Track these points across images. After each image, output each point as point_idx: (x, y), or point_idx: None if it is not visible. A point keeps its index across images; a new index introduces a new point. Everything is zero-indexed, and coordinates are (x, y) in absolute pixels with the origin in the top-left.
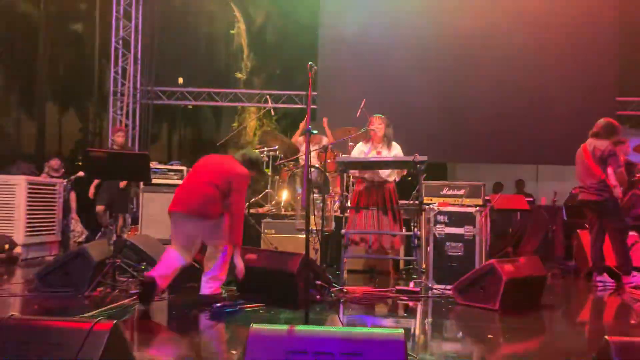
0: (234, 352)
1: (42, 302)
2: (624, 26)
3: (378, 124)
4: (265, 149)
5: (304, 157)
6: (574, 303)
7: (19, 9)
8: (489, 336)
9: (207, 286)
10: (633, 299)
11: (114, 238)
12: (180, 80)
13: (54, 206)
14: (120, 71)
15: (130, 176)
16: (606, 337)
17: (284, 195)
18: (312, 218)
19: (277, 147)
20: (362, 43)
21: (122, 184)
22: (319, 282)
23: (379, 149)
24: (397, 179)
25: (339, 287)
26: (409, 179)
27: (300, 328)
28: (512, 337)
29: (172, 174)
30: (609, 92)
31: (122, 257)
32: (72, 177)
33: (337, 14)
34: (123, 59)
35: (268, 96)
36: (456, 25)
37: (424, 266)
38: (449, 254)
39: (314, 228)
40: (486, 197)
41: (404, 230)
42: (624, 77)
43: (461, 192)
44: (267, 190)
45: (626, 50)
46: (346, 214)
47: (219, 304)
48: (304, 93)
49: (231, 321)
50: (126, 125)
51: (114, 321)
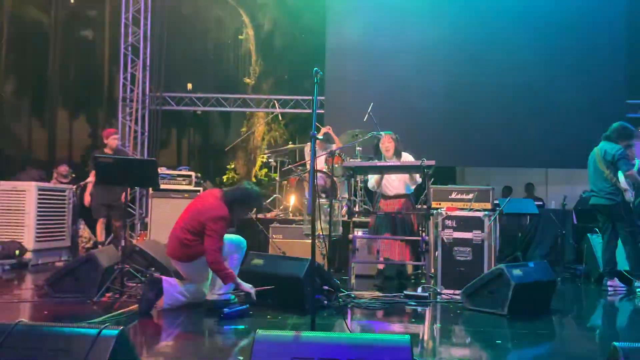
0: (240, 358)
1: (52, 307)
2: (633, 27)
3: (388, 143)
4: (274, 154)
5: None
6: (584, 308)
7: (29, 16)
8: (497, 342)
9: (214, 292)
10: None
11: (122, 244)
12: (190, 86)
13: (63, 212)
14: (129, 77)
15: (138, 182)
16: (615, 343)
17: (292, 200)
18: (319, 223)
19: (285, 152)
20: (368, 47)
21: (123, 198)
22: (326, 288)
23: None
24: (412, 187)
25: (347, 292)
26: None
27: (306, 334)
28: (521, 342)
29: (181, 179)
30: (619, 95)
31: (131, 263)
32: (82, 183)
33: (343, 19)
34: (132, 65)
35: (275, 101)
36: (463, 28)
37: (432, 271)
38: (458, 258)
39: (322, 233)
40: (495, 201)
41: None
42: (634, 79)
43: (470, 196)
44: (275, 195)
45: (636, 52)
46: (354, 219)
47: (228, 309)
48: (311, 98)
49: (238, 326)
50: (135, 131)
51: (121, 327)
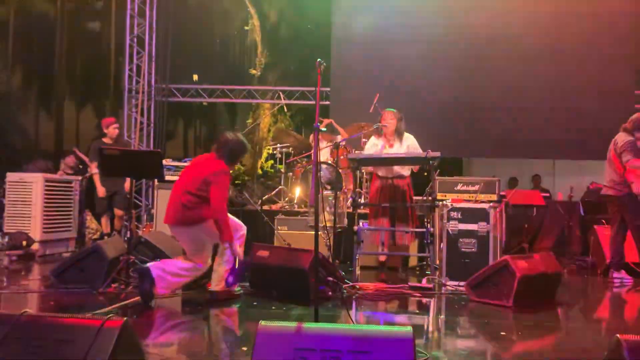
0: (244, 348)
1: (58, 298)
2: None
3: (390, 119)
4: (279, 145)
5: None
6: (589, 300)
7: (36, 7)
8: (502, 333)
9: (218, 282)
10: None
11: (129, 235)
12: (195, 77)
13: (70, 203)
14: (135, 69)
15: (143, 174)
16: (618, 335)
17: (297, 192)
18: (324, 215)
19: (289, 144)
20: (374, 38)
21: (127, 186)
22: (330, 279)
23: (390, 141)
24: (415, 170)
25: (352, 284)
26: (425, 174)
27: (309, 325)
28: (526, 334)
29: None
30: (628, 86)
31: (137, 254)
32: (88, 175)
33: (349, 9)
34: (138, 56)
35: (281, 92)
36: (470, 19)
37: (437, 262)
38: (463, 250)
39: (327, 224)
40: (501, 193)
41: (417, 225)
42: None
43: (475, 187)
44: (280, 187)
45: None
46: (359, 211)
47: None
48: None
49: (242, 318)
50: (141, 123)
51: (125, 318)
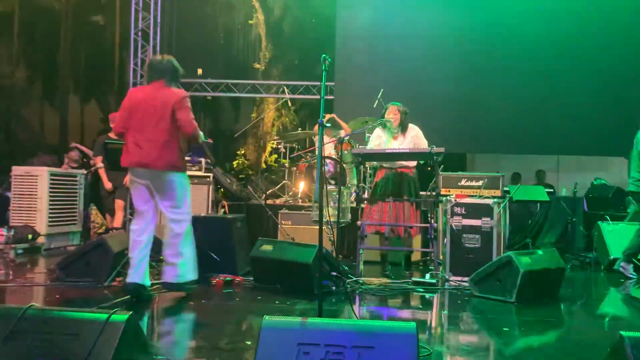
0: (248, 342)
1: (63, 292)
2: None
3: (394, 114)
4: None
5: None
6: (593, 296)
7: (40, 1)
8: (504, 329)
9: (170, 272)
10: None
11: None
12: (200, 71)
13: (75, 197)
14: (139, 63)
15: None
16: (621, 332)
17: (301, 186)
18: (328, 209)
19: (294, 139)
20: (379, 33)
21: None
22: (334, 274)
23: (395, 135)
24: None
25: (355, 279)
26: (429, 169)
27: (313, 320)
28: (529, 330)
29: (190, 164)
30: (634, 81)
31: None
32: (93, 169)
33: (353, 4)
34: (142, 50)
35: (285, 87)
36: (474, 14)
37: (441, 258)
38: (466, 245)
39: (330, 219)
40: (505, 188)
41: (421, 218)
42: None
43: (479, 183)
44: (284, 182)
45: None
46: (362, 205)
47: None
48: (321, 83)
49: (246, 312)
50: None
51: (130, 312)
